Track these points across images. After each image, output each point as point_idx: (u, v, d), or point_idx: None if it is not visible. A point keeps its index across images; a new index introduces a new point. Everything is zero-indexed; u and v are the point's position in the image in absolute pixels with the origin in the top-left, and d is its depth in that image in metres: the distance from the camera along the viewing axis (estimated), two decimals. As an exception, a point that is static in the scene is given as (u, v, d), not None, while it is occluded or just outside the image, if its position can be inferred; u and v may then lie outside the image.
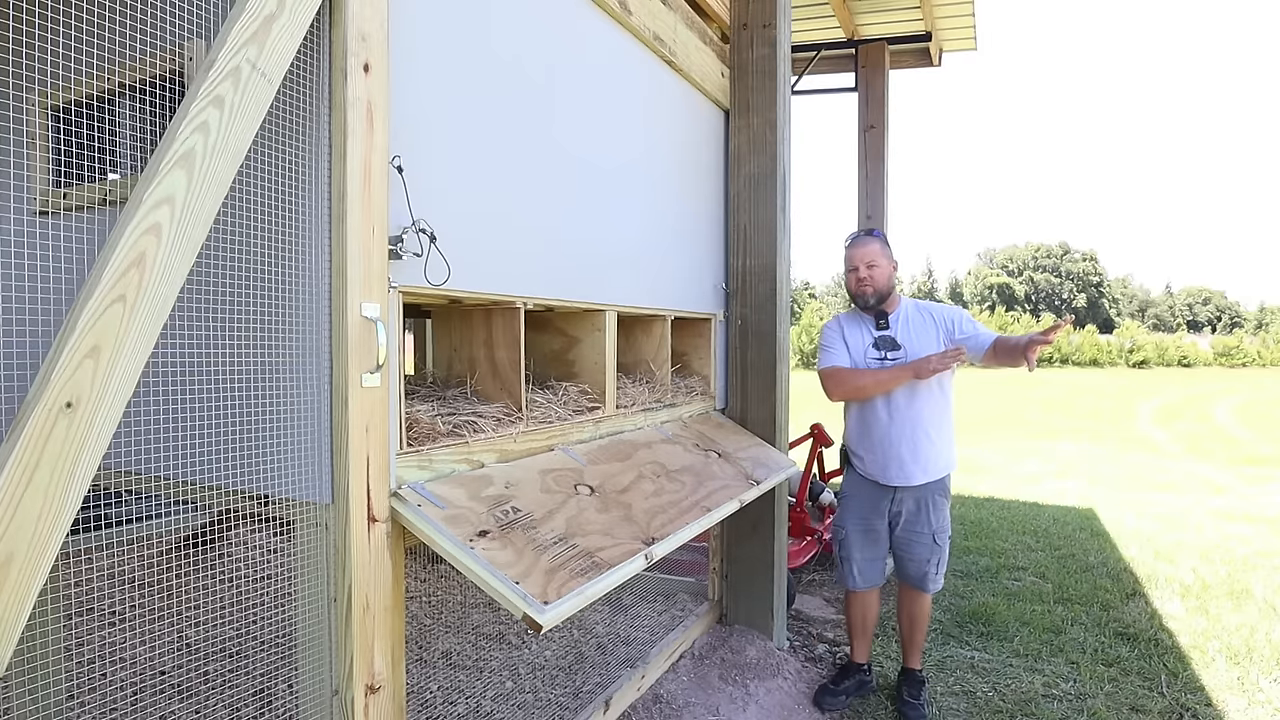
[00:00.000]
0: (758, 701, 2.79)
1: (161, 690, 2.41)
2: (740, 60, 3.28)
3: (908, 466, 2.74)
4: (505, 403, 2.04)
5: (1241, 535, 5.33)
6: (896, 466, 2.75)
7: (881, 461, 2.80)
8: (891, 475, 2.77)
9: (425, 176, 1.67)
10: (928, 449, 2.74)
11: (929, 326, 2.76)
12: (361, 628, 1.47)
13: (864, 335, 2.81)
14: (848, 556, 2.89)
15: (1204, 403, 18.32)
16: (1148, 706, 2.80)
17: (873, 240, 2.80)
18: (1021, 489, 7.01)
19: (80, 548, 1.79)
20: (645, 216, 2.70)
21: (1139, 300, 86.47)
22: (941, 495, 2.79)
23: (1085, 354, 43.31)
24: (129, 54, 1.43)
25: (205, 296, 1.49)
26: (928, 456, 2.74)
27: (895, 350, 2.74)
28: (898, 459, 2.74)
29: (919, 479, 2.74)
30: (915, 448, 2.73)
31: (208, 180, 1.19)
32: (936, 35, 5.55)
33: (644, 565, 1.85)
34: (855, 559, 2.88)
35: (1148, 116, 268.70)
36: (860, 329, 2.83)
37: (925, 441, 2.73)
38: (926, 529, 2.78)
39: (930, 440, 2.73)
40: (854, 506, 2.88)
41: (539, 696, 2.64)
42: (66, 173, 1.69)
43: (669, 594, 3.61)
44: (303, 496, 1.49)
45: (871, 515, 2.84)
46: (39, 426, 1.01)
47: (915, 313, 2.81)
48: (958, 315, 2.78)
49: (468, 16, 1.82)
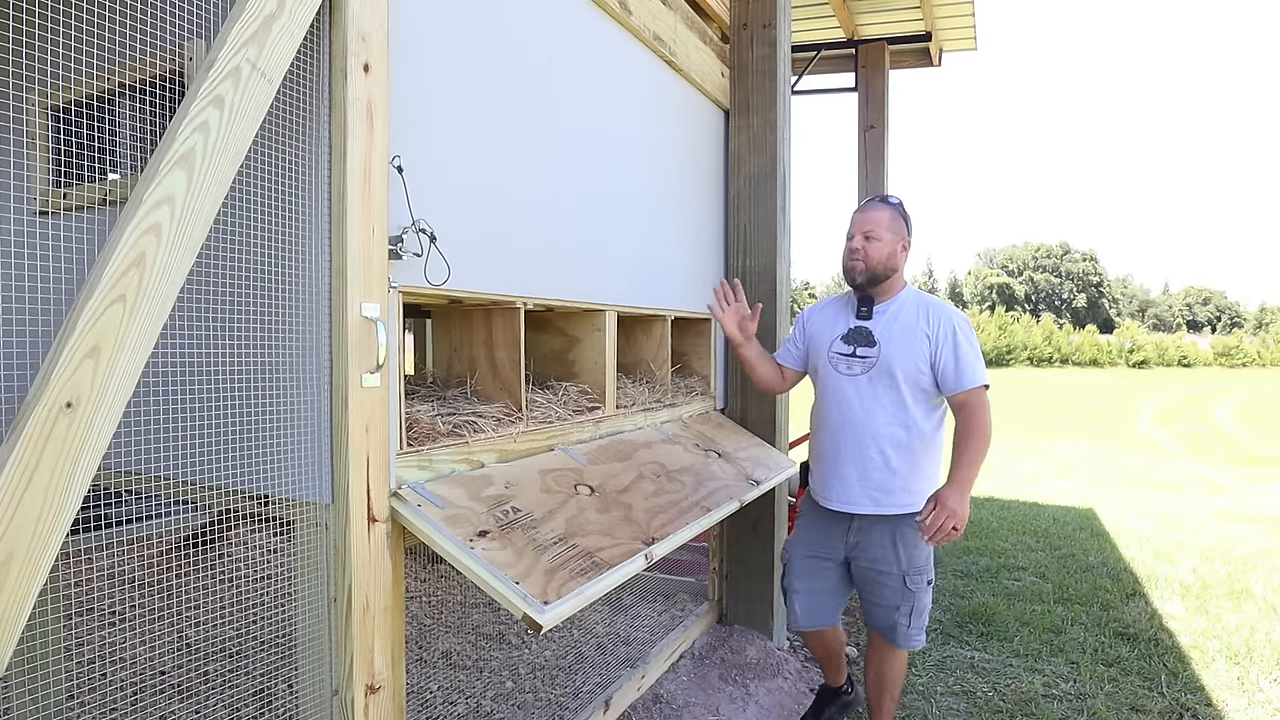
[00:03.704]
0: (758, 701, 2.78)
1: (161, 690, 2.41)
2: (740, 60, 3.28)
3: (852, 488, 2.20)
4: (505, 403, 2.03)
5: (1241, 535, 5.33)
6: (839, 486, 2.22)
7: (823, 477, 2.28)
8: (832, 496, 2.24)
9: (425, 176, 1.67)
10: (883, 474, 2.17)
11: (918, 336, 2.15)
12: (361, 628, 1.47)
13: (840, 323, 2.29)
14: (789, 587, 2.37)
15: (1204, 403, 18.32)
16: (1148, 706, 2.80)
17: (883, 207, 2.22)
18: (1021, 489, 7.01)
19: (80, 548, 1.79)
20: (646, 216, 2.70)
21: (1139, 300, 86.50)
22: (916, 529, 2.17)
23: (1085, 354, 43.33)
24: (129, 54, 1.43)
25: (205, 296, 1.49)
26: (882, 483, 2.17)
27: (868, 347, 2.19)
28: (840, 477, 2.22)
29: (865, 507, 2.19)
30: (864, 467, 2.18)
31: (208, 180, 1.19)
32: (936, 35, 5.55)
33: (644, 565, 1.85)
34: (798, 591, 2.34)
35: (1148, 116, 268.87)
36: (840, 315, 2.31)
37: (880, 463, 2.16)
38: (894, 568, 2.19)
39: (888, 463, 2.16)
40: (803, 532, 2.39)
41: (539, 696, 2.64)
42: (66, 173, 1.69)
43: (669, 594, 3.61)
44: (303, 496, 1.49)
45: (820, 546, 2.32)
46: (39, 426, 1.01)
47: (915, 310, 2.20)
48: (957, 327, 2.15)
49: (467, 16, 1.82)
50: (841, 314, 2.31)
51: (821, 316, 2.37)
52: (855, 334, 2.24)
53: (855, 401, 2.19)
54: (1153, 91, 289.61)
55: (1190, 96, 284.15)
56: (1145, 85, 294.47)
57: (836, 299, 2.40)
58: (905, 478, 2.17)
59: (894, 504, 2.17)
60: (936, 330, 2.14)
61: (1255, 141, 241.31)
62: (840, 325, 2.29)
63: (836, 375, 2.25)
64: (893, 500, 2.17)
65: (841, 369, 2.23)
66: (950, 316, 2.18)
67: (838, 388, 2.24)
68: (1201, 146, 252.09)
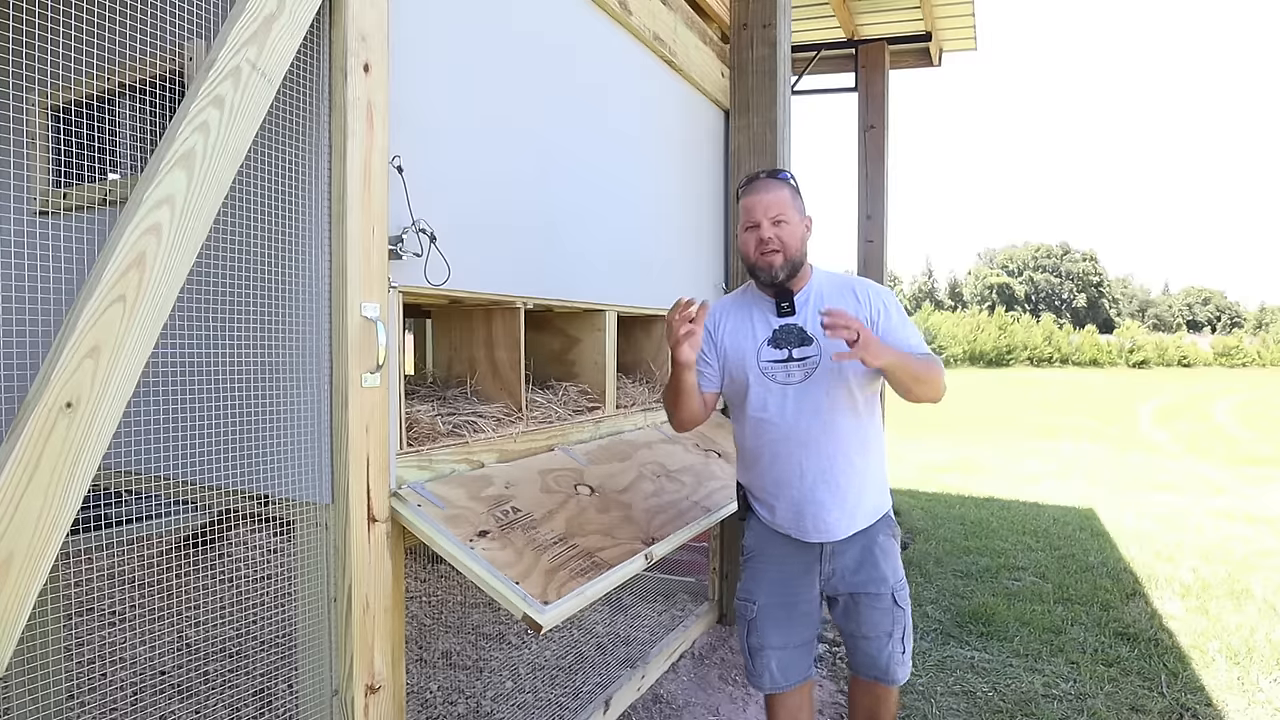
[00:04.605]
0: (758, 701, 2.78)
1: (161, 690, 2.41)
2: (740, 60, 3.28)
3: (829, 514, 1.84)
4: (505, 403, 2.04)
5: (1241, 535, 5.33)
6: (814, 515, 1.85)
7: (787, 510, 1.89)
8: (808, 528, 1.86)
9: (425, 176, 1.67)
10: (856, 487, 1.85)
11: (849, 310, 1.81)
12: (361, 628, 1.47)
13: (759, 327, 1.90)
14: (760, 646, 1.91)
15: (1204, 403, 18.32)
16: (1148, 706, 2.80)
17: (779, 185, 1.87)
18: (1021, 489, 7.01)
19: (80, 548, 1.79)
20: (646, 216, 2.70)
21: (1139, 300, 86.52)
22: (889, 535, 1.92)
23: (1085, 354, 43.36)
24: (129, 54, 1.43)
25: (205, 296, 1.49)
26: (857, 498, 1.85)
27: (804, 347, 1.84)
28: (815, 504, 1.84)
29: (844, 529, 1.85)
30: (838, 486, 1.84)
31: (208, 180, 1.19)
32: (936, 35, 5.55)
33: (644, 565, 1.86)
34: (771, 648, 1.90)
35: (1147, 116, 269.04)
36: (753, 319, 1.91)
37: (851, 476, 1.85)
38: (883, 585, 1.87)
39: (857, 472, 1.86)
40: (762, 576, 1.95)
41: (539, 696, 2.64)
42: (66, 173, 1.69)
43: (669, 594, 3.61)
44: (303, 496, 1.49)
45: (789, 588, 1.91)
46: (39, 426, 1.01)
47: (831, 289, 1.90)
48: (887, 300, 1.89)
49: (468, 17, 1.83)
50: (755, 316, 1.93)
51: (733, 324, 1.96)
52: (785, 335, 1.87)
53: (810, 413, 1.83)
54: (1153, 91, 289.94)
55: (1190, 96, 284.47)
56: (1145, 85, 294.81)
57: (734, 301, 2.01)
58: (869, 478, 1.89)
59: (866, 513, 1.88)
60: (868, 309, 1.86)
61: (1255, 142, 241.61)
62: (761, 329, 1.90)
63: (776, 387, 1.86)
64: (865, 510, 1.87)
65: (779, 378, 1.85)
66: (877, 292, 1.90)
67: (780, 403, 1.85)
68: (1201, 146, 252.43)
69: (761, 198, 1.85)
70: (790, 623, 1.91)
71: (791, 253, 1.83)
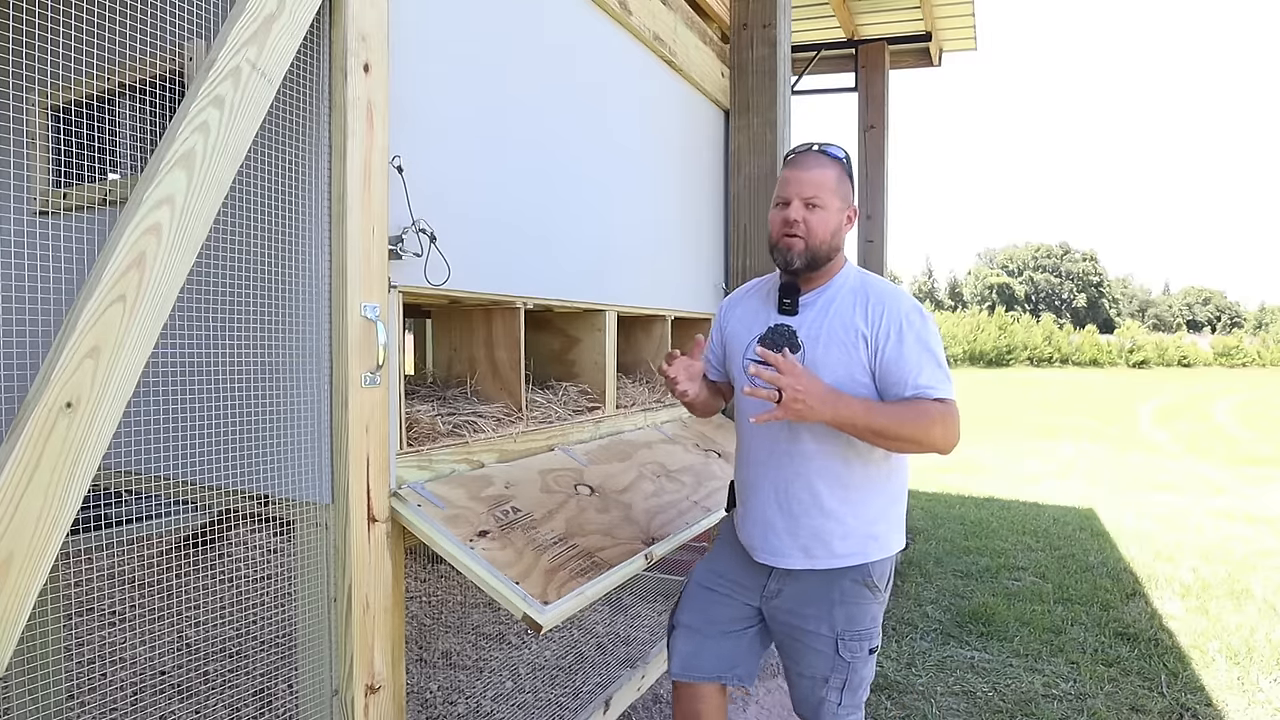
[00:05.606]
0: (758, 701, 2.78)
1: (161, 690, 2.41)
2: (740, 60, 3.28)
3: (778, 538, 1.63)
4: (505, 403, 2.04)
5: (1241, 535, 5.33)
6: (760, 531, 1.66)
7: (744, 519, 1.73)
8: (756, 545, 1.68)
9: (425, 176, 1.67)
10: (817, 520, 1.60)
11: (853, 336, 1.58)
12: (361, 628, 1.47)
13: (759, 321, 1.71)
14: (674, 624, 1.80)
15: (1204, 403, 18.32)
16: (1148, 706, 2.80)
17: (827, 163, 1.62)
18: (1021, 489, 7.01)
19: (80, 548, 1.79)
20: (645, 216, 2.70)
21: (1139, 300, 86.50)
22: (861, 584, 1.62)
23: (1085, 354, 43.37)
24: (129, 54, 1.43)
25: (205, 296, 1.49)
26: (816, 531, 1.60)
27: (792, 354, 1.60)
28: (764, 524, 1.66)
29: (796, 561, 1.62)
30: (793, 513, 1.62)
31: (208, 180, 1.19)
32: (936, 35, 5.55)
33: (644, 565, 1.86)
34: (682, 625, 1.77)
35: (1147, 116, 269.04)
36: (761, 308, 1.73)
37: (811, 506, 1.60)
38: (823, 627, 1.62)
39: (821, 506, 1.60)
40: (715, 556, 1.83)
41: (539, 696, 2.64)
42: (66, 173, 1.69)
43: (669, 594, 3.61)
44: (303, 496, 1.49)
45: (730, 577, 1.76)
46: (39, 426, 1.01)
47: (852, 301, 1.61)
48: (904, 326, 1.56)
49: (468, 17, 1.83)
50: (762, 307, 1.73)
51: (742, 310, 1.78)
52: (776, 335, 1.65)
53: (779, 427, 1.61)
54: (1153, 91, 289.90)
55: (1190, 96, 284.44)
56: (1145, 85, 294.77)
57: (754, 287, 1.83)
58: (845, 522, 1.60)
59: (831, 555, 1.61)
60: (876, 328, 1.56)
61: (1255, 142, 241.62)
62: (759, 324, 1.70)
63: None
64: (829, 551, 1.60)
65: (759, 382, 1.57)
66: (898, 309, 1.58)
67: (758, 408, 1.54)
68: (1201, 146, 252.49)
69: (800, 174, 1.60)
70: (711, 606, 1.75)
71: (816, 242, 1.59)
